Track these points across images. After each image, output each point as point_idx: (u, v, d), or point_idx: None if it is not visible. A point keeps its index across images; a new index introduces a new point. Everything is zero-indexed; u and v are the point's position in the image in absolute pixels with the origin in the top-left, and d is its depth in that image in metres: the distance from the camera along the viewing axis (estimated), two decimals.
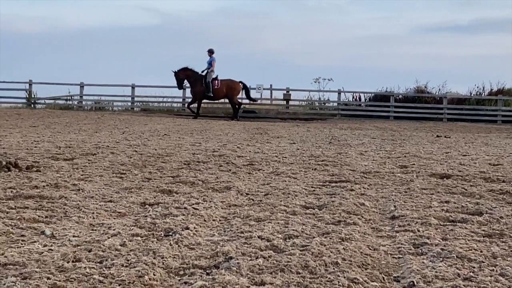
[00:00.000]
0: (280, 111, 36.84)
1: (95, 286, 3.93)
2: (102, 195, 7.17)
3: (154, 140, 15.21)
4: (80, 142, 14.07)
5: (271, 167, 10.27)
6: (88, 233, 5.33)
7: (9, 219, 5.73)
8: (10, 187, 7.44)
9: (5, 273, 4.13)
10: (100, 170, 9.29)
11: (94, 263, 4.40)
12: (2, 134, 15.88)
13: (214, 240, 5.24)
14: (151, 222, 5.77)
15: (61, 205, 6.44)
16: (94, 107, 37.80)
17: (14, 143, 13.41)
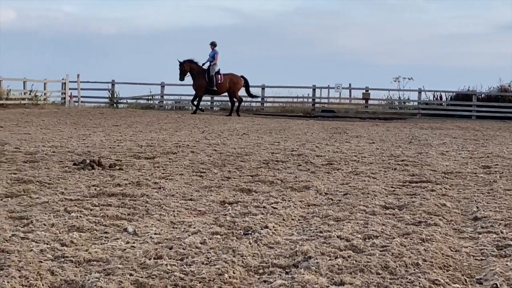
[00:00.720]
0: (359, 110, 36.52)
1: (176, 283, 3.98)
2: (183, 193, 7.26)
3: (233, 139, 15.31)
4: (161, 141, 14.26)
5: (350, 167, 10.21)
6: (169, 231, 5.41)
7: (93, 216, 5.86)
8: (93, 185, 7.61)
9: (89, 269, 4.22)
10: (180, 168, 9.40)
11: (175, 261, 4.46)
12: (86, 133, 16.24)
13: (293, 239, 5.24)
14: (230, 221, 5.81)
15: (143, 203, 6.55)
16: (175, 106, 38.23)
17: (97, 142, 13.70)
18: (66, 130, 17.28)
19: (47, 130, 17.09)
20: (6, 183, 7.61)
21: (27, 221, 5.59)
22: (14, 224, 5.52)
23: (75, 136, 15.33)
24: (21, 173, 8.43)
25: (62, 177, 8.27)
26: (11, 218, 5.76)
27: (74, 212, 5.98)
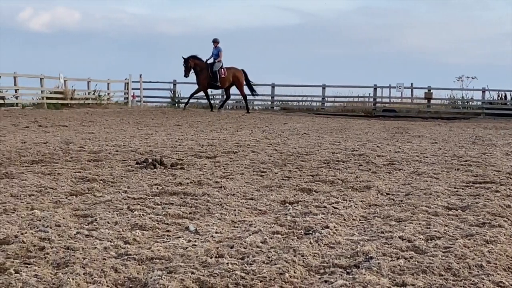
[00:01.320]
0: (421, 110, 36.14)
1: (237, 282, 3.99)
2: (243, 192, 7.29)
3: (293, 139, 15.30)
4: (222, 140, 14.35)
5: (412, 167, 10.10)
6: (230, 230, 5.43)
7: (155, 214, 5.92)
8: (156, 184, 7.70)
9: (152, 267, 4.27)
10: (241, 168, 9.44)
11: (236, 259, 4.48)
12: (148, 133, 16.44)
13: (354, 240, 5.21)
14: (291, 220, 5.81)
15: (204, 202, 6.60)
16: (235, 106, 38.40)
17: (159, 141, 13.86)
18: (129, 130, 17.51)
19: (111, 130, 17.35)
20: (71, 182, 7.76)
21: (91, 219, 5.69)
22: (79, 222, 5.62)
23: (138, 135, 15.53)
24: (85, 172, 8.58)
25: (125, 176, 8.39)
26: (75, 216, 5.86)
27: (137, 211, 6.06)
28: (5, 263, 4.27)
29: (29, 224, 5.40)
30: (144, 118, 23.96)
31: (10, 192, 6.91)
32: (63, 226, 5.34)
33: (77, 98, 33.11)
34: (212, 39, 32.08)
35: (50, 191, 7.05)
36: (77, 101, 32.75)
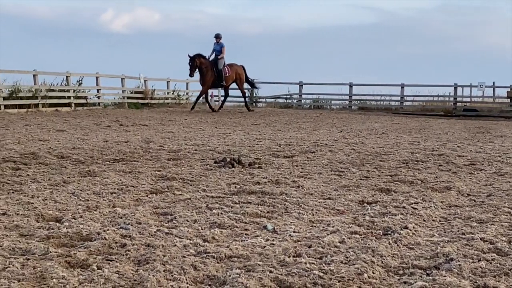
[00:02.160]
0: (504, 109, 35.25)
1: (315, 281, 3.99)
2: (321, 192, 7.27)
3: (371, 139, 15.18)
4: (299, 140, 14.34)
5: (494, 167, 9.89)
6: (307, 229, 5.43)
7: (234, 213, 5.97)
8: (234, 183, 7.75)
9: (230, 265, 4.30)
10: (318, 167, 9.42)
11: (314, 259, 4.47)
12: (226, 132, 16.55)
13: (434, 241, 5.14)
14: (369, 221, 5.77)
15: (281, 201, 6.61)
16: (313, 105, 38.31)
17: (237, 140, 13.94)
18: (207, 129, 17.66)
19: (189, 129, 17.54)
20: (151, 180, 7.88)
21: (171, 217, 5.77)
22: (159, 219, 5.71)
23: (216, 134, 15.65)
24: (165, 171, 8.70)
25: (204, 174, 8.47)
26: (156, 214, 5.95)
27: (216, 209, 6.11)
28: (88, 259, 4.37)
29: (111, 222, 5.51)
30: (222, 118, 24.13)
31: (93, 190, 7.07)
32: (143, 224, 5.43)
33: (156, 97, 33.56)
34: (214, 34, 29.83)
35: (131, 189, 7.18)
36: (157, 100, 33.19)
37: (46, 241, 4.85)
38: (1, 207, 6.05)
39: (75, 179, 7.87)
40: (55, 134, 14.63)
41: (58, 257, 4.40)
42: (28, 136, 13.78)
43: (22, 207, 6.05)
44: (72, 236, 5.00)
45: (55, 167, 8.94)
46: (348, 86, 37.27)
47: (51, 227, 5.27)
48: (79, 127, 17.25)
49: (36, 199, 6.46)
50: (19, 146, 11.48)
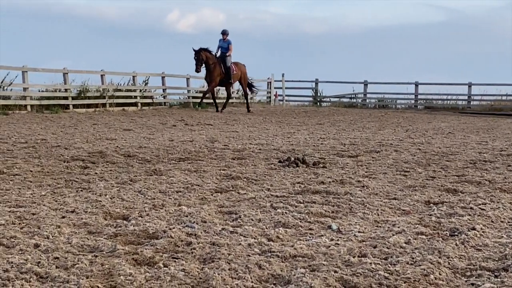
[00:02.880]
0: None
1: (380, 282, 3.96)
2: (386, 192, 7.21)
3: (438, 138, 14.98)
4: (364, 139, 14.25)
5: None
6: (373, 230, 5.39)
7: (298, 213, 5.96)
8: (298, 182, 7.75)
9: (295, 265, 4.30)
10: (383, 167, 9.34)
11: (379, 259, 4.44)
12: (290, 131, 16.55)
13: (502, 242, 5.04)
14: (436, 221, 5.69)
15: (346, 201, 6.57)
16: (378, 104, 38.00)
17: (301, 140, 13.93)
18: (272, 128, 17.69)
19: (254, 128, 17.59)
20: (216, 179, 7.93)
21: (235, 216, 5.80)
22: (224, 218, 5.74)
23: (280, 134, 15.67)
24: (229, 170, 8.75)
25: (268, 174, 8.49)
26: (220, 212, 5.99)
27: (280, 208, 6.12)
28: (155, 257, 4.42)
29: (177, 220, 5.57)
30: (286, 117, 24.13)
31: (159, 189, 7.15)
32: (208, 222, 5.47)
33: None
34: (221, 30, 27.94)
35: (196, 188, 7.24)
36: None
37: (113, 239, 4.93)
38: (70, 204, 6.18)
39: (142, 177, 7.98)
40: (122, 133, 14.85)
41: (125, 254, 4.47)
42: (96, 135, 14.02)
43: (90, 205, 6.17)
44: (139, 234, 5.07)
45: (122, 165, 9.08)
46: (413, 85, 36.88)
47: (119, 225, 5.35)
48: (146, 126, 17.47)
49: (104, 197, 6.57)
50: (87, 145, 11.69)
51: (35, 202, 6.31)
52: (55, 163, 9.14)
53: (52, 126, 16.81)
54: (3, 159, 9.50)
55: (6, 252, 4.49)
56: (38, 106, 22.96)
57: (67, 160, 9.49)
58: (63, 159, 9.59)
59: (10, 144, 11.70)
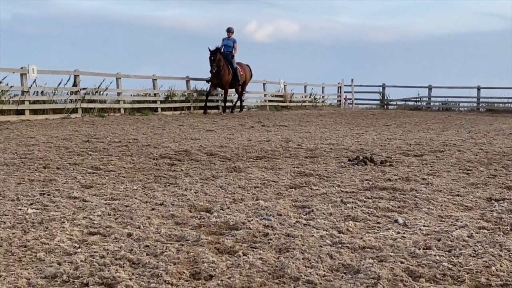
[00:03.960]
0: None
1: (444, 272, 3.90)
2: (450, 189, 7.08)
3: (499, 139, 14.62)
4: (429, 140, 14.02)
5: None
6: (437, 224, 5.31)
7: (366, 207, 5.92)
8: (366, 179, 7.68)
9: (364, 255, 4.27)
10: (447, 166, 9.18)
11: (443, 252, 4.37)
12: (359, 132, 16.43)
13: None
14: (497, 217, 5.57)
15: (411, 197, 6.49)
16: (441, 107, 37.38)
17: (369, 140, 13.80)
18: (341, 129, 17.60)
19: (325, 129, 17.53)
20: (290, 176, 7.94)
21: (308, 209, 5.79)
22: (297, 212, 5.74)
23: (349, 134, 15.57)
24: (303, 167, 8.74)
25: (338, 171, 8.45)
26: (294, 206, 5.99)
27: (349, 203, 6.09)
28: (235, 246, 4.46)
29: (255, 213, 5.60)
30: (355, 119, 23.96)
31: (238, 184, 7.20)
32: (284, 216, 5.49)
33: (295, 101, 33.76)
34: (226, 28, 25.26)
35: (272, 184, 7.26)
36: (295, 103, 33.38)
37: (198, 229, 4.99)
38: (158, 198, 6.28)
39: (223, 174, 8.04)
40: (205, 134, 15.00)
41: (208, 243, 4.52)
42: (181, 135, 14.20)
43: (177, 199, 6.25)
44: (221, 225, 5.12)
45: (205, 163, 9.17)
46: (476, 89, 36.19)
47: (202, 217, 5.42)
48: (226, 127, 17.60)
49: (189, 192, 6.66)
50: (174, 144, 11.85)
51: (128, 195, 6.44)
52: (146, 161, 9.31)
53: (142, 127, 17.09)
54: (99, 156, 9.73)
55: (102, 241, 4.60)
56: (130, 109, 23.41)
57: (156, 158, 9.65)
58: (152, 157, 9.76)
59: (105, 143, 11.96)
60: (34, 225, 5.03)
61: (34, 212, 5.47)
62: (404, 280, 3.75)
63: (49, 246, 4.40)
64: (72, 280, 3.67)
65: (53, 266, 3.92)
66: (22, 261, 4.06)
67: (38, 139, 12.52)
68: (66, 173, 7.92)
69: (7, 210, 5.57)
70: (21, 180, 7.32)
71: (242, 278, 3.74)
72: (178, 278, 3.75)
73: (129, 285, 3.56)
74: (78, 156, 9.72)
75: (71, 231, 4.82)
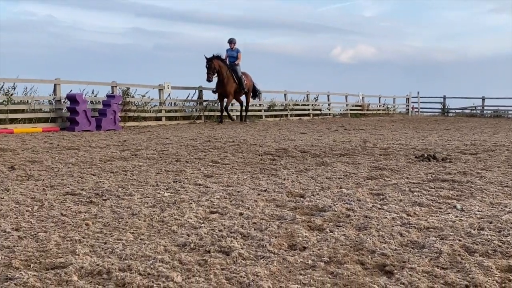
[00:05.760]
0: None
1: (495, 249, 3.75)
2: (500, 181, 6.79)
3: None
4: (482, 141, 13.49)
5: None
6: (489, 209, 5.11)
7: (430, 195, 5.76)
8: (430, 173, 7.48)
9: (428, 234, 4.17)
10: (497, 162, 8.81)
11: (494, 232, 4.20)
12: (423, 135, 16.00)
13: None
14: None
15: (468, 188, 6.27)
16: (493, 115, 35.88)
17: (432, 141, 13.42)
18: (409, 133, 17.19)
19: (395, 132, 17.18)
20: (367, 169, 7.83)
21: (382, 196, 5.70)
22: (373, 198, 5.66)
23: (416, 137, 15.19)
24: (377, 163, 8.60)
25: (406, 166, 8.26)
26: (371, 194, 5.91)
27: (416, 192, 5.95)
28: (323, 224, 4.45)
29: (339, 198, 5.56)
30: (421, 124, 23.35)
31: (325, 176, 7.17)
32: (362, 201, 5.43)
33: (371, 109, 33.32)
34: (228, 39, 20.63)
35: (352, 176, 7.19)
36: (371, 111, 32.95)
37: (294, 211, 5.01)
38: (263, 186, 6.34)
39: (313, 167, 8.03)
40: (299, 136, 15.01)
41: (302, 222, 4.53)
42: (280, 137, 14.27)
43: (277, 186, 6.29)
44: (312, 208, 5.12)
45: (299, 159, 9.18)
46: None
47: (297, 201, 5.43)
48: (315, 130, 17.55)
49: (287, 181, 6.69)
50: (274, 144, 11.93)
51: (239, 183, 6.53)
52: (253, 156, 9.41)
53: (250, 130, 17.27)
54: (218, 153, 9.92)
55: (220, 218, 4.69)
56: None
57: (261, 154, 9.74)
58: (258, 154, 9.85)
59: (222, 142, 12.17)
60: (169, 205, 5.19)
61: (169, 195, 5.65)
62: (462, 255, 3.63)
63: (180, 221, 4.52)
64: (197, 248, 3.76)
65: (183, 237, 4.03)
66: (160, 233, 4.19)
67: (172, 139, 12.88)
68: (193, 166, 8.12)
69: (149, 193, 5.77)
70: (159, 170, 7.56)
71: (329, 249, 3.73)
72: (279, 248, 3.78)
73: (241, 253, 3.62)
74: (202, 153, 9.95)
75: (196, 210, 4.94)
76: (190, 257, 3.52)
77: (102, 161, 8.52)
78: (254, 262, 3.44)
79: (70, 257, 3.47)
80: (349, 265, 3.39)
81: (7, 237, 3.96)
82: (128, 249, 3.67)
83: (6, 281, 3.04)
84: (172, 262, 3.40)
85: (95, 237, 4.01)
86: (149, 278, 3.12)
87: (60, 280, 3.06)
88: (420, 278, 3.16)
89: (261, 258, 3.53)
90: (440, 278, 3.18)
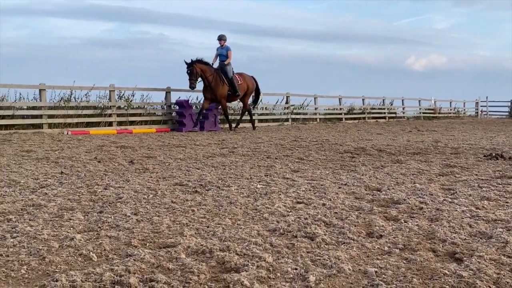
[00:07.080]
0: None
1: None
2: None
3: None
4: None
5: None
6: None
7: (498, 191, 5.44)
8: (497, 170, 7.09)
9: (495, 226, 3.96)
10: None
11: None
12: (491, 136, 15.20)
13: None
14: None
15: None
16: None
17: (500, 141, 12.71)
18: (478, 134, 16.38)
19: (465, 133, 16.42)
20: (439, 167, 7.54)
21: (452, 191, 5.47)
22: (444, 193, 5.45)
23: (485, 137, 14.44)
24: (448, 161, 8.26)
25: (475, 164, 7.88)
26: (442, 189, 5.69)
27: (484, 188, 5.66)
28: (398, 215, 4.33)
29: (412, 192, 5.40)
30: (489, 126, 22.17)
31: (400, 172, 6.97)
32: (434, 195, 5.24)
33: (442, 112, 32.14)
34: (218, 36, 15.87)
35: (425, 172, 6.95)
36: (443, 115, 31.78)
37: (371, 203, 4.92)
38: (343, 180, 6.27)
39: (389, 164, 7.84)
40: (376, 136, 14.69)
41: (378, 213, 4.44)
42: (359, 137, 14.04)
43: (356, 181, 6.20)
44: (387, 200, 5.00)
45: (376, 156, 8.99)
46: None
47: (374, 194, 5.33)
48: (391, 131, 17.11)
49: (364, 176, 6.57)
50: (353, 143, 11.75)
51: (322, 178, 6.49)
52: (334, 154, 9.32)
53: (332, 131, 17.12)
54: (303, 151, 9.91)
55: (305, 207, 4.68)
56: (323, 119, 23.59)
57: (341, 152, 9.63)
58: (338, 152, 9.75)
59: (307, 142, 12.15)
60: (261, 195, 5.25)
61: (261, 187, 5.71)
62: None
63: (271, 210, 4.57)
64: (286, 233, 3.79)
65: (274, 223, 4.07)
66: (254, 219, 4.25)
67: (263, 139, 13.01)
68: (281, 162, 8.16)
69: (244, 185, 5.86)
70: (253, 165, 7.66)
71: (403, 238, 3.64)
72: (358, 236, 3.73)
73: (324, 238, 3.60)
74: (289, 151, 9.98)
75: (285, 200, 4.97)
76: (279, 240, 3.55)
77: (205, 157, 8.75)
78: (335, 247, 3.42)
79: (179, 238, 3.60)
80: (421, 252, 3.29)
81: (127, 220, 4.17)
82: (227, 233, 3.75)
83: (126, 257, 3.20)
84: (264, 244, 3.44)
85: (199, 222, 4.13)
86: (244, 258, 3.17)
87: (171, 257, 3.18)
88: (488, 265, 3.02)
89: (342, 244, 3.50)
90: (506, 265, 3.02)
